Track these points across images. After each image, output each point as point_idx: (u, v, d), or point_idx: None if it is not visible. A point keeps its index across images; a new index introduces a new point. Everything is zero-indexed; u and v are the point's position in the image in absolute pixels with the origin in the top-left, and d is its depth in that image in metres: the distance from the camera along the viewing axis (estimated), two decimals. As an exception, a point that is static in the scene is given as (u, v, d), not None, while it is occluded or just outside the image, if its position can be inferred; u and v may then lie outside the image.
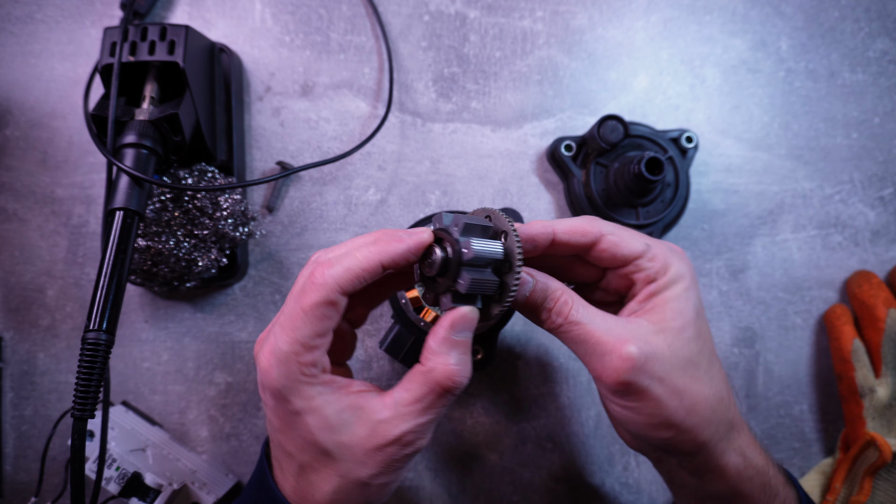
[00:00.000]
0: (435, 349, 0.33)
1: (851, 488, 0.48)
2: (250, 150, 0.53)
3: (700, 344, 0.36)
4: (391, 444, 0.33)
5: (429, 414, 0.33)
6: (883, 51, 0.56)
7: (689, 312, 0.35)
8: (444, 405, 0.34)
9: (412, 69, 0.55)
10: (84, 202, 0.52)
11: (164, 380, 0.51)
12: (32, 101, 0.53)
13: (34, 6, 0.54)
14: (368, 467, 0.33)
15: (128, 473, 0.46)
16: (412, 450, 0.34)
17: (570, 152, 0.52)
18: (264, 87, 0.54)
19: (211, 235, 0.47)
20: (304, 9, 0.55)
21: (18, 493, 0.50)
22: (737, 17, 0.56)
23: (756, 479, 0.37)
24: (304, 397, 0.33)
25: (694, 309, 0.36)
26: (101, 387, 0.37)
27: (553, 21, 0.56)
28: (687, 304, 0.36)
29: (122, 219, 0.40)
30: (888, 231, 0.55)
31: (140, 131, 0.42)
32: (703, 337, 0.36)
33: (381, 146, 0.54)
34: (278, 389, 0.33)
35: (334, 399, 0.33)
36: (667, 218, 0.51)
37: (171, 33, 0.44)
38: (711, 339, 0.38)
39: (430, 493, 0.51)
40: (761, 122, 0.55)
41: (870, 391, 0.49)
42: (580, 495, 0.51)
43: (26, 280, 0.51)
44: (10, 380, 0.51)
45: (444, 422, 0.51)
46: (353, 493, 0.34)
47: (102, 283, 0.38)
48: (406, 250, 0.33)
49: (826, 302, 0.54)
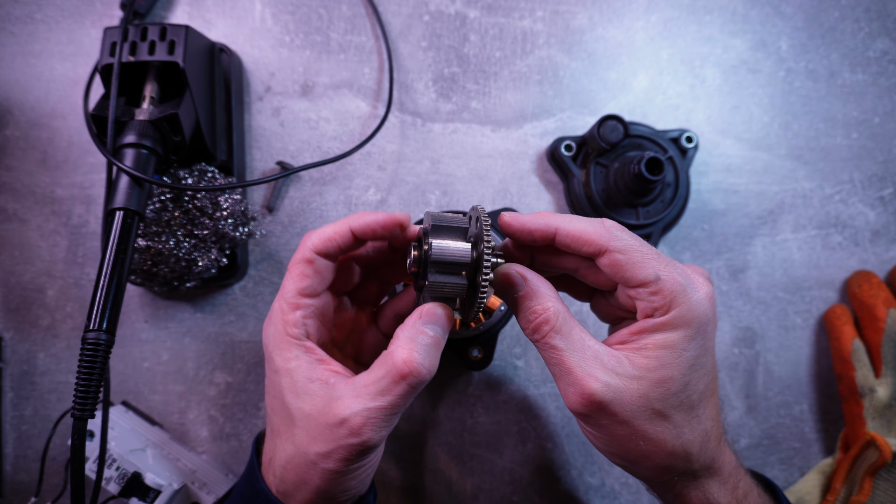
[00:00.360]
0: (400, 336, 0.33)
1: (851, 488, 0.48)
2: (250, 150, 0.53)
3: (683, 397, 0.33)
4: (341, 426, 0.32)
5: (381, 400, 0.32)
6: (883, 51, 0.56)
7: (678, 365, 0.33)
8: (400, 395, 0.32)
9: (412, 69, 0.55)
10: (84, 202, 0.52)
11: (164, 380, 0.51)
12: (32, 101, 0.53)
13: (34, 6, 0.54)
14: (318, 443, 0.33)
15: (128, 473, 0.46)
16: (359, 440, 0.32)
17: (570, 152, 0.52)
18: (264, 87, 0.54)
19: (211, 235, 0.47)
20: (304, 9, 0.55)
21: (18, 493, 0.50)
22: (737, 17, 0.56)
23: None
24: (284, 357, 0.36)
25: (688, 362, 0.33)
26: (101, 387, 0.37)
27: (553, 21, 0.56)
28: (679, 357, 0.33)
29: (122, 219, 0.40)
30: (888, 231, 0.55)
31: (140, 131, 0.42)
32: (692, 388, 0.34)
33: (381, 146, 0.54)
34: (266, 346, 0.37)
35: (308, 367, 0.35)
36: (667, 218, 0.51)
37: (171, 33, 0.44)
38: (709, 383, 0.34)
39: (430, 493, 0.51)
40: (761, 122, 0.55)
41: (870, 391, 0.49)
42: (580, 495, 0.51)
43: (26, 280, 0.51)
44: (10, 380, 0.51)
45: (444, 421, 0.51)
46: (301, 468, 0.34)
47: (102, 283, 0.38)
48: (373, 220, 0.35)
49: (826, 302, 0.54)
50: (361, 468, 0.35)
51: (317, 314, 0.38)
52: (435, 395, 0.52)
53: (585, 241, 0.34)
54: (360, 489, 0.36)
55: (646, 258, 0.34)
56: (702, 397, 0.34)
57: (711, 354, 0.35)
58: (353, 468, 0.34)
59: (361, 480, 0.36)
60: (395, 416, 0.33)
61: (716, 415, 0.35)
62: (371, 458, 0.35)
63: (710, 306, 0.34)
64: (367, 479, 0.37)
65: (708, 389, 0.35)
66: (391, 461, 0.51)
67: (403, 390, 0.32)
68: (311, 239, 0.36)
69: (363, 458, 0.34)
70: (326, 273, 0.37)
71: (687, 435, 0.34)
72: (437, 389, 0.52)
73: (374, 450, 0.34)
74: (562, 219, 0.35)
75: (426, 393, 0.51)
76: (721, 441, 0.36)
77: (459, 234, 0.34)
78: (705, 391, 0.34)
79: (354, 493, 0.36)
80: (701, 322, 0.33)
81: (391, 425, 0.34)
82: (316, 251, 0.36)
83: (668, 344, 0.33)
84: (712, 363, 0.35)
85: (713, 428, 0.35)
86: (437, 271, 0.33)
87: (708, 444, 0.34)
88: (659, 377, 0.33)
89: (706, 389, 0.34)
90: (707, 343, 0.34)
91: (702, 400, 0.34)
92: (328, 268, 0.37)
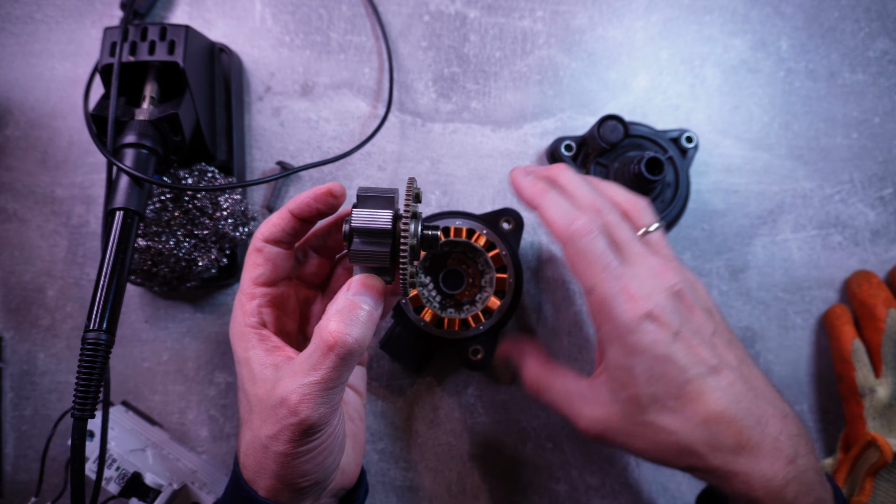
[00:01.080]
0: (329, 309, 0.34)
1: (852, 489, 0.48)
2: (250, 150, 0.53)
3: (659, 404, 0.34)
4: (281, 406, 0.33)
5: (314, 374, 0.32)
6: (883, 51, 0.56)
7: (636, 377, 0.34)
8: (331, 367, 0.32)
9: (412, 69, 0.55)
10: (84, 202, 0.52)
11: (164, 380, 0.51)
12: (32, 101, 0.53)
13: (34, 6, 0.54)
14: (266, 426, 0.34)
15: (128, 473, 0.46)
16: (298, 419, 0.32)
17: (570, 152, 0.52)
18: (264, 87, 0.54)
19: (211, 235, 0.47)
20: (304, 9, 0.55)
21: (18, 493, 0.50)
22: (737, 17, 0.56)
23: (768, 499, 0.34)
24: (243, 347, 0.37)
25: (643, 374, 0.34)
26: (101, 387, 0.37)
27: (553, 21, 0.56)
28: (631, 373, 0.34)
29: (122, 219, 0.40)
30: (888, 231, 0.55)
31: (140, 131, 0.42)
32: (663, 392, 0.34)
33: (381, 146, 0.54)
34: (230, 339, 0.39)
35: (263, 354, 0.36)
36: (667, 218, 0.51)
37: (171, 33, 0.44)
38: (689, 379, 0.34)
39: (430, 493, 0.51)
40: (761, 122, 0.55)
41: (870, 391, 0.49)
42: (580, 495, 0.51)
43: (26, 280, 0.51)
44: (10, 380, 0.51)
45: (444, 421, 0.51)
46: (258, 453, 0.35)
47: (102, 283, 0.38)
48: (307, 196, 0.37)
49: (826, 302, 0.54)
50: (313, 450, 0.34)
51: (274, 303, 0.39)
52: (435, 395, 0.52)
53: (553, 231, 0.37)
54: (321, 475, 0.36)
55: (591, 264, 0.35)
56: (682, 393, 0.34)
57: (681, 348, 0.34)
58: (303, 450, 0.34)
59: (319, 464, 0.35)
60: (332, 392, 0.33)
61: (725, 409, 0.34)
62: (320, 438, 0.34)
63: (635, 312, 0.34)
64: (329, 464, 0.36)
65: (691, 387, 0.34)
66: (391, 461, 0.51)
67: (333, 362, 0.32)
68: (259, 229, 0.38)
69: (309, 438, 0.33)
70: (279, 261, 0.38)
71: (681, 434, 0.34)
72: (437, 389, 0.52)
73: (317, 428, 0.33)
74: (548, 199, 0.38)
75: (426, 393, 0.52)
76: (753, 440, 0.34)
77: (384, 203, 0.34)
78: (686, 388, 0.34)
79: (315, 478, 0.35)
80: (628, 333, 0.34)
81: (331, 402, 0.33)
82: (263, 239, 0.38)
83: (615, 363, 0.35)
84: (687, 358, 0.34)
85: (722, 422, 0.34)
86: (360, 240, 0.34)
87: (721, 441, 0.33)
88: (628, 395, 0.35)
89: (687, 386, 0.34)
90: (649, 347, 0.34)
91: (684, 395, 0.34)
92: (280, 255, 0.38)
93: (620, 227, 0.38)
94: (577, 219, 0.36)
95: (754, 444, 0.33)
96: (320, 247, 0.42)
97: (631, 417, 0.35)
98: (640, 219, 0.40)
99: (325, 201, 0.37)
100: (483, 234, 0.46)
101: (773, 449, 0.34)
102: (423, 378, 0.52)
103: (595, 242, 0.35)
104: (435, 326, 0.46)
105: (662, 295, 0.35)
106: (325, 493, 0.38)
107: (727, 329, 0.39)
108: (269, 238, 0.38)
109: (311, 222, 0.39)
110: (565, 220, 0.36)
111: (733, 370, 0.35)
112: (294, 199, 0.38)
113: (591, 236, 0.36)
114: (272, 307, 0.39)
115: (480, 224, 0.46)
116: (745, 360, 0.37)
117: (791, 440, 0.34)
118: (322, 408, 0.33)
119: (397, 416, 0.51)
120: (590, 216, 0.36)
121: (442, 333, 0.46)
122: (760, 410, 0.34)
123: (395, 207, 0.34)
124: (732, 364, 0.36)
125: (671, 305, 0.35)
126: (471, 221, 0.47)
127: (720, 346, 0.36)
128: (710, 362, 0.35)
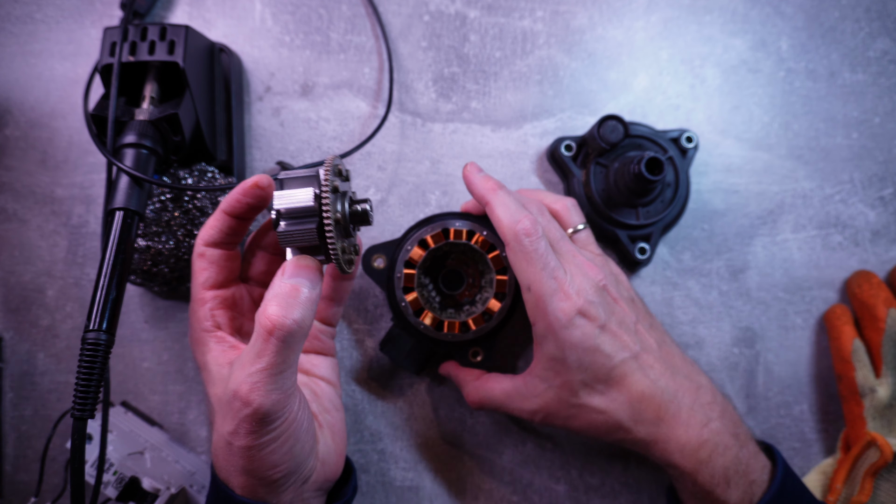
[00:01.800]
0: (267, 294, 0.34)
1: (852, 489, 0.48)
2: (250, 150, 0.53)
3: (588, 388, 0.40)
4: (234, 399, 0.33)
5: (259, 362, 0.32)
6: (883, 51, 0.56)
7: (569, 366, 0.39)
8: (273, 352, 0.32)
9: (412, 69, 0.55)
10: (84, 202, 0.52)
11: (164, 380, 0.51)
12: (32, 101, 0.53)
13: (34, 6, 0.54)
14: (227, 423, 0.34)
15: (125, 478, 0.46)
16: (251, 409, 0.32)
17: (570, 152, 0.52)
18: (264, 87, 0.54)
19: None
20: (304, 9, 0.55)
21: (18, 493, 0.50)
22: (737, 17, 0.56)
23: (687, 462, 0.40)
24: (201, 351, 0.39)
25: (574, 364, 0.39)
26: (101, 387, 0.37)
27: (553, 21, 0.56)
28: (565, 361, 0.39)
29: (122, 219, 0.40)
30: (888, 231, 0.55)
31: (140, 131, 0.42)
32: (592, 376, 0.39)
33: (381, 146, 0.54)
34: (191, 346, 0.40)
35: (220, 355, 0.38)
36: (667, 218, 0.51)
37: (171, 33, 0.44)
38: (617, 364, 0.39)
39: (430, 492, 0.51)
40: (761, 122, 0.55)
41: (870, 391, 0.49)
42: (580, 495, 0.51)
43: (26, 280, 0.51)
44: (10, 380, 0.51)
45: (444, 421, 0.51)
46: (224, 451, 0.35)
47: (102, 283, 0.38)
48: (236, 192, 0.38)
49: (826, 302, 0.54)
50: (276, 440, 0.34)
51: (227, 304, 0.40)
52: (435, 395, 0.52)
53: (499, 229, 0.40)
54: (291, 465, 0.35)
55: (530, 263, 0.39)
56: (610, 378, 0.39)
57: (608, 338, 0.39)
58: (264, 441, 0.34)
59: (286, 454, 0.35)
60: (281, 377, 0.33)
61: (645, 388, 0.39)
62: (280, 426, 0.34)
63: (568, 310, 0.38)
64: (298, 452, 0.36)
65: (617, 372, 0.39)
66: (391, 461, 0.51)
67: (276, 347, 0.32)
68: (199, 234, 0.39)
69: (267, 427, 0.33)
70: (223, 262, 0.39)
71: (610, 413, 0.39)
72: (437, 389, 0.52)
73: (273, 416, 0.33)
74: (497, 197, 0.40)
75: (426, 393, 0.51)
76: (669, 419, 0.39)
77: (304, 182, 0.34)
78: (613, 373, 0.39)
79: (285, 468, 0.35)
80: (561, 328, 0.38)
81: (283, 387, 0.33)
82: (203, 243, 0.39)
83: (550, 354, 0.39)
84: (613, 347, 0.39)
85: (643, 400, 0.39)
86: (286, 223, 0.34)
87: (644, 412, 0.39)
88: (561, 382, 0.40)
89: (613, 371, 0.39)
90: (580, 340, 0.38)
91: (611, 379, 0.39)
92: (223, 256, 0.39)
93: (551, 227, 0.43)
94: (522, 220, 0.39)
95: (671, 415, 0.39)
96: (266, 244, 0.42)
97: (566, 401, 0.40)
98: (569, 219, 0.46)
99: (253, 194, 0.38)
100: (483, 235, 0.46)
101: (687, 417, 0.39)
102: (423, 378, 0.52)
103: (537, 243, 0.39)
104: (435, 329, 0.46)
105: (591, 291, 0.39)
106: (309, 487, 0.38)
107: (648, 314, 0.45)
108: (208, 241, 0.39)
109: (247, 219, 0.39)
110: (511, 219, 0.39)
111: (652, 352, 0.41)
112: (225, 198, 0.38)
113: (533, 237, 0.39)
114: (225, 308, 0.39)
115: (480, 225, 0.46)
116: (664, 342, 0.43)
117: (703, 408, 0.40)
118: (273, 394, 0.33)
119: (397, 416, 0.51)
120: (533, 218, 0.39)
121: (442, 337, 0.46)
122: (676, 384, 0.40)
123: (317, 185, 0.34)
124: (652, 347, 0.42)
125: (598, 300, 0.39)
126: (471, 222, 0.46)
127: (642, 331, 0.42)
128: (632, 349, 0.40)
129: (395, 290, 0.45)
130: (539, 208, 0.44)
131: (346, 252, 0.36)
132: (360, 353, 0.52)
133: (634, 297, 0.45)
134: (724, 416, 0.41)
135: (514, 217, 0.39)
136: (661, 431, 0.39)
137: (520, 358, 0.52)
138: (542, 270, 0.38)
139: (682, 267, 0.54)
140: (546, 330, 0.39)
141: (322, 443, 0.39)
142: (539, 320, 0.39)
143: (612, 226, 0.51)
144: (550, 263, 0.39)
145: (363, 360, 0.52)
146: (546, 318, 0.39)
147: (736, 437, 0.40)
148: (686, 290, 0.53)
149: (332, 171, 0.33)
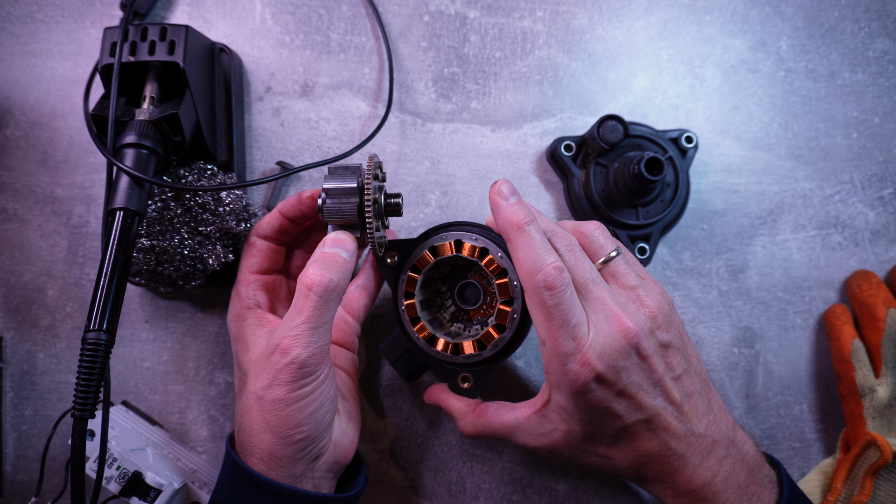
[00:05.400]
0: (308, 262, 0.38)
1: (852, 488, 0.48)
2: (250, 150, 0.53)
3: (596, 440, 0.39)
4: (274, 353, 0.36)
5: (299, 317, 0.36)
6: (883, 51, 0.56)
7: (579, 420, 0.38)
8: (313, 307, 0.36)
9: (412, 69, 0.55)
10: (84, 202, 0.52)
11: (164, 380, 0.51)
12: (32, 101, 0.53)
13: (34, 6, 0.54)
14: (261, 378, 0.37)
15: (128, 473, 0.46)
16: (290, 358, 0.36)
17: (570, 152, 0.52)
18: (264, 87, 0.54)
19: (215, 232, 0.47)
20: (304, 9, 0.55)
21: (18, 493, 0.50)
22: (737, 17, 0.56)
23: None
24: (239, 325, 0.43)
25: (582, 418, 0.38)
26: (102, 387, 0.37)
27: (553, 21, 0.56)
28: (575, 415, 0.38)
29: (122, 219, 0.40)
30: (888, 231, 0.55)
31: (140, 131, 0.42)
32: (600, 431, 0.38)
33: (381, 146, 0.54)
34: (228, 325, 0.45)
35: (257, 327, 0.42)
36: (667, 218, 0.51)
37: (171, 33, 0.44)
38: (626, 426, 0.38)
39: (429, 492, 0.51)
40: (761, 122, 0.55)
41: (870, 391, 0.49)
42: (580, 495, 0.51)
43: (26, 280, 0.51)
44: (10, 380, 0.51)
45: (444, 421, 0.51)
46: (252, 410, 0.37)
47: (102, 283, 0.38)
48: (293, 198, 0.44)
49: (826, 302, 0.54)
50: (306, 396, 0.37)
51: (267, 287, 0.46)
52: (435, 395, 0.52)
53: (518, 273, 0.38)
54: (312, 429, 0.37)
55: (549, 319, 0.36)
56: (618, 436, 0.38)
57: (623, 402, 0.37)
58: (295, 396, 0.36)
59: (311, 414, 0.37)
60: (316, 331, 0.36)
61: (653, 448, 0.38)
62: (313, 383, 0.37)
63: (585, 377, 0.36)
64: (320, 417, 0.38)
65: (627, 432, 0.38)
66: (391, 461, 0.51)
67: (315, 302, 0.36)
68: (254, 227, 0.46)
69: (303, 381, 0.36)
70: (270, 253, 0.46)
71: (614, 462, 0.39)
72: (437, 389, 0.52)
73: (308, 368, 0.36)
74: (522, 238, 0.38)
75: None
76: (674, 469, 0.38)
77: (350, 172, 0.40)
78: (622, 433, 0.38)
79: (307, 430, 0.37)
80: (577, 391, 0.36)
81: (317, 342, 0.36)
82: (256, 235, 0.46)
83: (560, 404, 0.38)
84: (627, 411, 0.37)
85: (649, 458, 0.38)
86: (332, 201, 0.40)
87: (647, 467, 0.39)
88: (568, 429, 0.39)
89: (622, 431, 0.38)
90: (593, 404, 0.37)
91: (619, 438, 0.38)
92: (271, 249, 0.46)
93: (581, 267, 0.38)
94: (545, 268, 0.36)
95: (674, 470, 0.38)
96: (306, 245, 0.49)
97: (572, 444, 0.39)
98: (598, 247, 0.41)
99: (308, 205, 0.44)
100: (497, 257, 0.42)
101: (691, 474, 0.38)
102: (423, 378, 0.52)
103: (558, 297, 0.36)
104: (426, 342, 0.44)
105: (614, 354, 0.36)
106: (321, 466, 0.39)
107: (684, 360, 0.39)
108: (261, 234, 0.45)
109: (297, 223, 0.45)
110: (532, 266, 0.36)
111: (673, 410, 0.38)
112: (283, 202, 0.45)
113: (556, 291, 0.36)
114: (265, 291, 0.45)
115: (496, 245, 0.42)
116: (693, 391, 0.39)
117: (710, 468, 0.38)
118: (311, 347, 0.36)
119: (397, 416, 0.51)
120: (559, 266, 0.36)
121: (433, 352, 0.44)
122: (688, 444, 0.38)
123: (360, 175, 0.41)
124: (676, 402, 0.38)
125: (621, 363, 0.36)
126: (486, 240, 0.43)
127: (668, 387, 0.38)
128: (649, 411, 0.37)
129: (398, 292, 0.45)
130: (568, 245, 0.39)
131: (379, 234, 0.41)
132: (360, 353, 0.52)
133: (673, 339, 0.39)
134: (734, 471, 0.38)
135: (536, 265, 0.36)
136: (662, 483, 0.39)
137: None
138: (561, 328, 0.36)
139: (681, 267, 0.54)
140: (558, 384, 0.37)
141: (337, 426, 0.41)
142: (553, 373, 0.37)
143: (612, 226, 0.51)
144: (571, 320, 0.36)
145: (364, 359, 0.52)
146: (559, 376, 0.37)
147: (740, 488, 0.38)
148: (686, 289, 0.53)
149: (374, 165, 0.40)
